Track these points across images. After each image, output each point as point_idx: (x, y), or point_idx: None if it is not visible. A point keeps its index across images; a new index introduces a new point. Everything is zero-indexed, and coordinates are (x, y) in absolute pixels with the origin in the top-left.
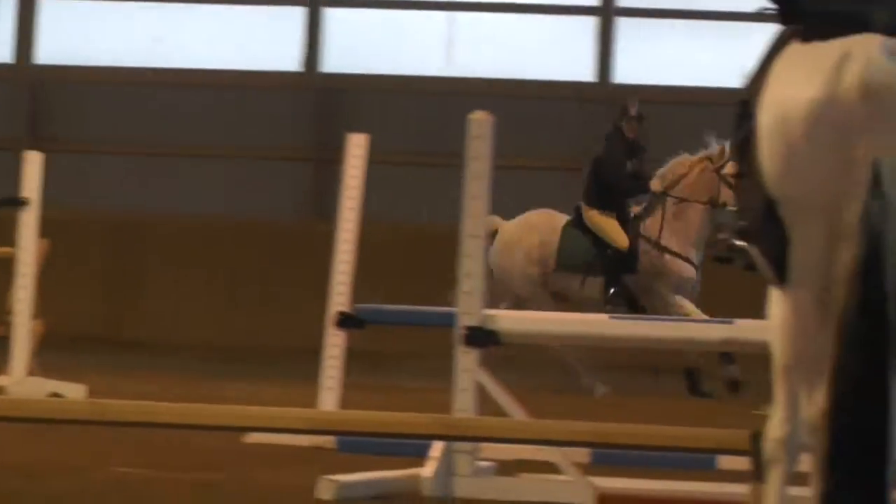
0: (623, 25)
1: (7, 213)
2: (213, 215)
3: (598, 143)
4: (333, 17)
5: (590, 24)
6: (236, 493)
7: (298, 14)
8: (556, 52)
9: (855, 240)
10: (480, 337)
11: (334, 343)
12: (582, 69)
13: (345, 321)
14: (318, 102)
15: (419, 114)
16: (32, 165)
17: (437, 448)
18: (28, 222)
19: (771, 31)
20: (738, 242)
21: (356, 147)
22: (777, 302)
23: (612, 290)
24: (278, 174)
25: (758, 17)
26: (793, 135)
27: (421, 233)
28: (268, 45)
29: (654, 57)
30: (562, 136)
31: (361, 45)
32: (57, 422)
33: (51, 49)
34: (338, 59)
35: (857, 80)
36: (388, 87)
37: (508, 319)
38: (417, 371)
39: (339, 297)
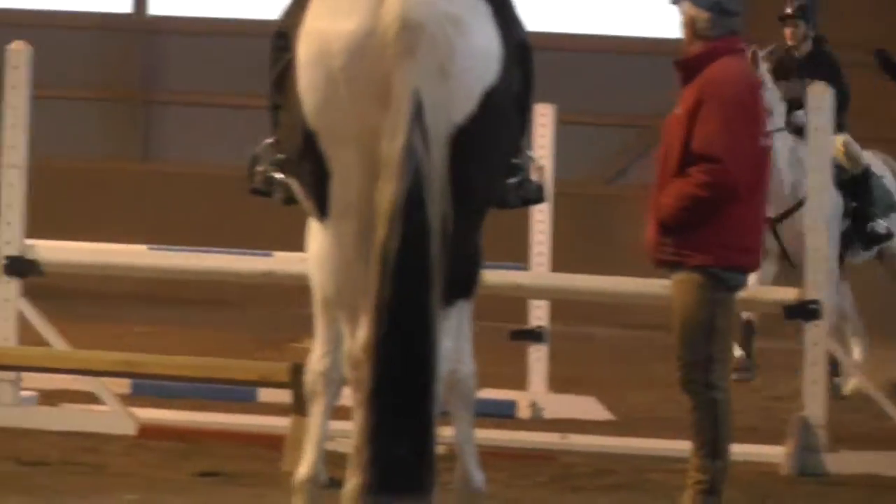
0: None
1: None
2: None
3: (135, 72)
4: None
5: None
6: None
7: None
8: None
9: (396, 174)
10: (21, 266)
11: None
12: (118, 0)
13: None
14: None
15: None
16: None
17: None
18: None
19: None
20: (277, 175)
21: None
22: (317, 235)
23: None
24: None
25: None
26: (332, 67)
27: None
28: None
29: None
30: (100, 66)
31: None
32: None
33: None
34: None
35: (396, 14)
36: None
37: (48, 249)
38: None
39: None
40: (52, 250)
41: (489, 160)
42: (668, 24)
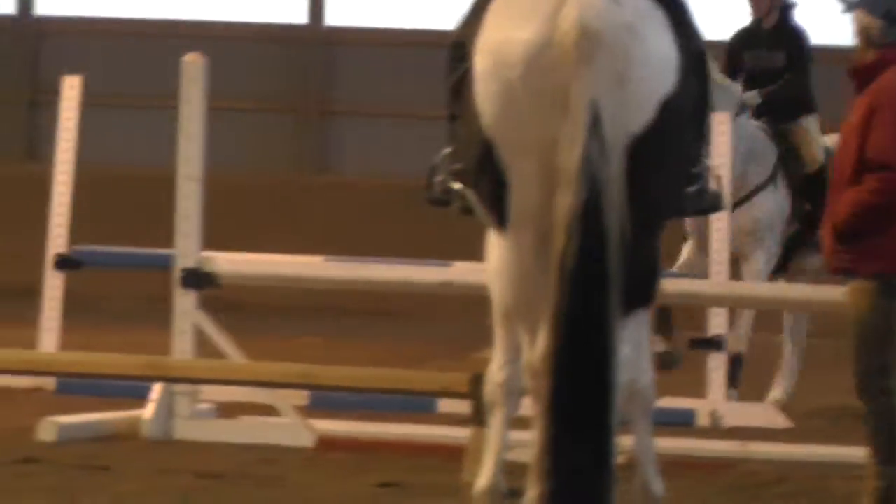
0: None
1: None
2: None
3: (311, 83)
4: None
5: None
6: None
7: None
8: None
9: (574, 184)
10: (198, 279)
11: (53, 285)
12: (294, 11)
13: (62, 262)
14: (31, 46)
15: (134, 56)
16: None
17: (157, 390)
18: None
19: None
20: (455, 185)
21: (71, 89)
22: (495, 245)
23: None
24: None
25: None
26: (509, 77)
27: (141, 175)
28: None
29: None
30: (275, 78)
31: None
32: None
33: None
34: (51, 1)
35: (573, 23)
36: (103, 29)
37: (225, 261)
38: (138, 314)
39: (57, 239)
40: (228, 262)
41: (667, 169)
42: (838, 31)
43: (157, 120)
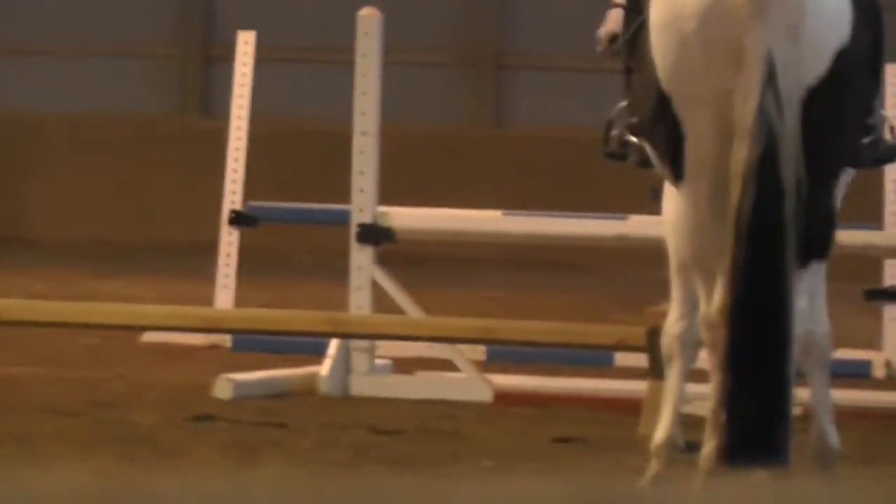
0: None
1: None
2: (100, 113)
3: (486, 37)
4: None
5: None
6: (130, 392)
7: None
8: None
9: (750, 136)
10: (374, 234)
11: (229, 241)
12: None
13: (238, 219)
14: (205, 1)
15: (306, 9)
16: None
17: (333, 346)
18: None
19: None
20: (631, 138)
21: (245, 44)
22: (672, 198)
23: None
24: (160, 71)
25: None
26: (684, 30)
27: (314, 130)
28: None
29: None
30: (451, 31)
31: None
32: None
33: None
34: None
35: None
36: None
37: (402, 216)
38: (313, 269)
39: (232, 195)
40: (405, 217)
41: (841, 120)
42: None
43: (332, 74)
